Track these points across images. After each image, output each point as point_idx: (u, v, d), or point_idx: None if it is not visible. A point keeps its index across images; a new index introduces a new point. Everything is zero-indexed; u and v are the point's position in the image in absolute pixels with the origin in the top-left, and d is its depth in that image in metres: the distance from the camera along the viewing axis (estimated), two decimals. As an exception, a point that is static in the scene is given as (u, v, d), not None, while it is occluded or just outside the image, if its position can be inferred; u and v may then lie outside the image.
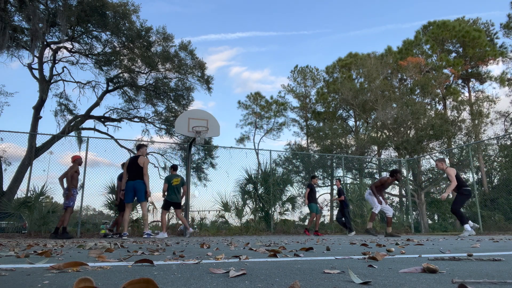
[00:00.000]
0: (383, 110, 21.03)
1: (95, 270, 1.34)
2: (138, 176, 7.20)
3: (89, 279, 0.84)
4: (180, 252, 2.42)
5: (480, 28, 25.41)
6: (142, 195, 7.14)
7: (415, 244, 3.59)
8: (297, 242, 4.44)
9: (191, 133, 9.32)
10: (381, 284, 0.97)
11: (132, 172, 7.22)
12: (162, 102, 18.99)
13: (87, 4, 15.05)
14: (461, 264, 1.51)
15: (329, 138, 24.97)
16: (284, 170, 20.69)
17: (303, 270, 1.32)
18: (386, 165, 19.15)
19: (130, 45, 17.23)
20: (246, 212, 11.44)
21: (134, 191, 7.16)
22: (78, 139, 15.38)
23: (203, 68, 18.85)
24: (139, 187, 7.12)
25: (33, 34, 13.89)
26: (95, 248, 2.92)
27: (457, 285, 0.93)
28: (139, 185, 7.13)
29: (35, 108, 15.91)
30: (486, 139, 22.30)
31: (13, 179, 14.10)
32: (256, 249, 2.59)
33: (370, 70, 23.72)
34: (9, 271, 1.30)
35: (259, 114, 30.80)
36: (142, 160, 7.28)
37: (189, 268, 1.41)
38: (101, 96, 18.04)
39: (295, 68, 31.80)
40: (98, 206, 23.86)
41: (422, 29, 26.66)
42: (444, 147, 20.57)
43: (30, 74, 16.23)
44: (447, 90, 24.51)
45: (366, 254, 2.11)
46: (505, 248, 2.71)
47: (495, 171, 21.42)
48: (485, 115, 23.07)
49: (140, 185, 7.14)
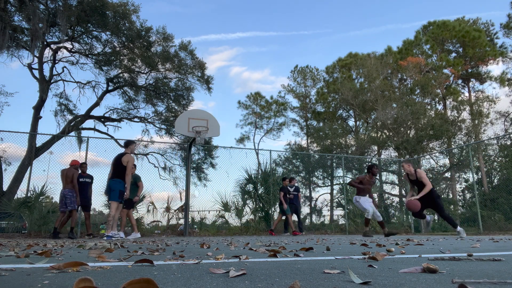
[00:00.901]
0: (383, 110, 21.03)
1: (95, 270, 1.34)
2: (117, 174, 6.83)
3: (89, 279, 0.84)
4: (180, 252, 2.42)
5: (480, 28, 25.41)
6: (115, 195, 6.74)
7: (415, 244, 3.59)
8: (297, 242, 4.44)
9: (191, 133, 9.32)
10: (381, 284, 0.97)
11: (113, 170, 6.89)
12: (162, 102, 18.99)
13: (87, 4, 15.05)
14: (461, 264, 1.51)
15: (329, 138, 24.98)
16: (284, 170, 20.72)
17: (303, 270, 1.32)
18: (386, 165, 19.15)
19: (130, 45, 17.23)
20: (246, 212, 11.44)
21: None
22: (78, 139, 15.37)
23: (203, 68, 18.85)
24: (114, 186, 6.77)
25: (33, 34, 13.88)
26: (95, 248, 2.92)
27: (457, 285, 0.93)
28: (114, 183, 6.79)
29: (35, 108, 15.90)
30: (486, 139, 22.31)
31: (13, 179, 14.10)
32: (256, 249, 2.59)
33: (370, 70, 23.73)
34: (9, 271, 1.30)
35: (259, 114, 30.81)
36: (127, 158, 6.87)
37: (189, 268, 1.41)
38: (101, 96, 18.03)
39: (295, 68, 31.83)
40: (98, 206, 23.84)
41: (422, 29, 26.66)
42: (444, 147, 20.57)
43: (30, 74, 16.23)
44: (447, 90, 24.51)
45: (366, 254, 2.11)
46: (505, 248, 2.71)
47: (495, 171, 21.41)
48: (485, 115, 23.08)
49: (115, 184, 6.78)
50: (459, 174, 21.68)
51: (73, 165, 7.89)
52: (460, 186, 21.33)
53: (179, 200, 11.93)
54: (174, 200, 15.94)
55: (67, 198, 7.56)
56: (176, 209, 11.50)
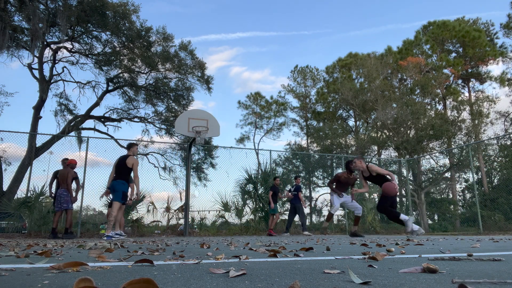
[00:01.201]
0: (383, 110, 21.03)
1: (95, 270, 1.34)
2: (120, 176, 6.82)
3: (89, 279, 0.84)
4: (180, 252, 2.42)
5: (480, 28, 25.41)
6: (118, 196, 6.75)
7: (415, 244, 3.59)
8: (297, 242, 4.44)
9: (191, 133, 9.32)
10: (381, 284, 0.97)
11: (116, 171, 6.87)
12: (162, 102, 19.00)
13: (87, 4, 15.05)
14: (461, 264, 1.51)
15: (329, 138, 24.98)
16: (284, 170, 20.71)
17: (303, 270, 1.32)
18: (386, 165, 19.15)
19: (130, 45, 17.23)
20: (246, 212, 11.44)
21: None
22: (78, 139, 15.38)
23: (203, 68, 18.86)
24: (117, 187, 6.77)
25: (33, 34, 13.89)
26: (95, 248, 2.92)
27: (457, 285, 0.93)
28: (117, 184, 6.78)
29: (35, 108, 15.91)
30: (486, 139, 22.31)
31: (13, 179, 14.10)
32: (256, 249, 2.59)
33: (370, 70, 23.73)
34: (9, 271, 1.30)
35: (259, 114, 30.81)
36: (131, 161, 6.87)
37: (189, 268, 1.41)
38: (101, 96, 18.04)
39: (295, 68, 31.83)
40: (98, 206, 23.88)
41: (422, 29, 26.66)
42: (444, 147, 20.57)
43: (30, 74, 16.24)
44: (447, 90, 24.51)
45: (366, 254, 2.11)
46: (505, 248, 2.71)
47: (495, 171, 21.43)
48: (485, 115, 23.08)
49: (119, 185, 6.78)
50: (459, 174, 21.69)
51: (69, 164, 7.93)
52: (460, 186, 21.35)
53: (179, 200, 11.93)
54: (174, 200, 15.97)
55: (62, 198, 7.62)
56: (176, 209, 11.51)
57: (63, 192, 7.66)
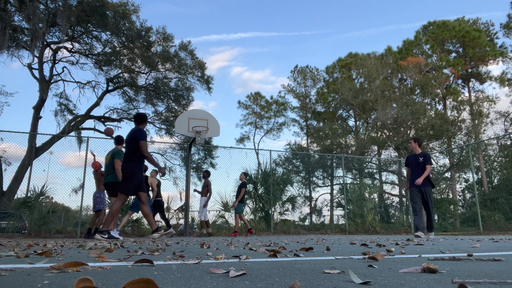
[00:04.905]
0: (383, 110, 21.03)
1: (95, 270, 1.34)
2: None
3: (89, 279, 0.84)
4: (180, 252, 2.42)
5: (480, 28, 25.40)
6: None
7: (415, 244, 3.59)
8: (297, 242, 4.44)
9: (191, 133, 9.32)
10: (381, 284, 0.97)
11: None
12: (162, 102, 19.01)
13: (87, 4, 15.05)
14: (461, 264, 1.51)
15: (329, 138, 24.98)
16: (284, 170, 20.68)
17: (303, 270, 1.32)
18: (386, 165, 19.15)
19: (130, 45, 17.23)
20: (246, 212, 11.44)
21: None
22: (78, 139, 15.38)
23: (203, 68, 18.86)
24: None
25: (33, 34, 13.88)
26: (95, 248, 2.92)
27: (457, 285, 0.93)
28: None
29: (35, 108, 15.91)
30: (486, 139, 22.30)
31: (13, 179, 14.10)
32: (256, 249, 2.59)
33: (370, 70, 23.73)
34: (9, 271, 1.30)
35: (259, 114, 30.80)
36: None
37: (189, 268, 1.41)
38: (101, 96, 18.04)
39: (295, 68, 31.83)
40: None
41: (422, 29, 26.65)
42: (444, 147, 20.57)
43: (30, 74, 16.25)
44: (447, 90, 24.51)
45: (366, 254, 2.11)
46: (505, 248, 2.71)
47: (495, 171, 21.41)
48: (485, 115, 23.08)
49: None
50: (459, 174, 21.68)
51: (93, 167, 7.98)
52: (460, 186, 21.33)
53: (179, 200, 11.92)
54: (174, 200, 15.95)
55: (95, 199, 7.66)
56: (176, 209, 11.50)
57: (96, 194, 7.72)
